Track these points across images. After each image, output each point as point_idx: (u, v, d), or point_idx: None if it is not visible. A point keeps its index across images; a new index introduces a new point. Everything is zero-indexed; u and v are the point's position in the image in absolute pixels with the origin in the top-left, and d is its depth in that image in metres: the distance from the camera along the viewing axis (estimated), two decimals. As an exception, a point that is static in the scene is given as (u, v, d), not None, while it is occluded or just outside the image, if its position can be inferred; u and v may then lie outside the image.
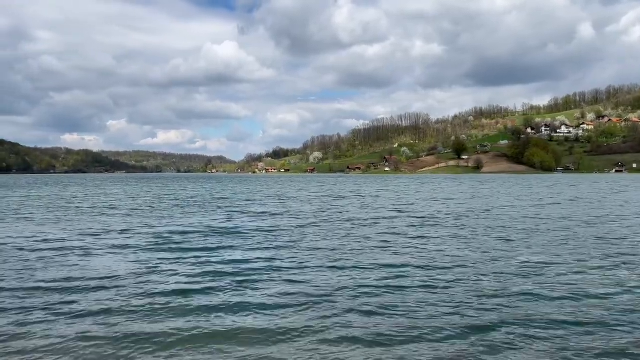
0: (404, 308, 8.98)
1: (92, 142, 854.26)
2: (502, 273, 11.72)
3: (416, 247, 15.54)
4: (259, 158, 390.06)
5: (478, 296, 9.72)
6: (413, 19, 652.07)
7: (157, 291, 10.11)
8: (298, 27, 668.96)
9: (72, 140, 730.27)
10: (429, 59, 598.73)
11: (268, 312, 8.82)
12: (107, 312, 8.79)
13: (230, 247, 15.94)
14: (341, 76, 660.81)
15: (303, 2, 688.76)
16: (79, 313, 8.74)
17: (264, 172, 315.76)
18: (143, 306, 9.09)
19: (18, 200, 42.17)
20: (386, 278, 11.23)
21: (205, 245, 16.24)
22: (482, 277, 11.29)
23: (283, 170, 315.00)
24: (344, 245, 16.04)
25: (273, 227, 21.28)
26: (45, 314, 8.71)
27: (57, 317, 8.54)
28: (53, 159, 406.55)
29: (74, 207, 32.85)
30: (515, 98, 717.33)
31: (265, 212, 28.79)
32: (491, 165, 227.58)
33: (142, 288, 10.37)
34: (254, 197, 46.12)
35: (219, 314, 8.72)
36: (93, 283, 10.79)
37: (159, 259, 13.72)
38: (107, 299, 9.56)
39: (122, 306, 9.10)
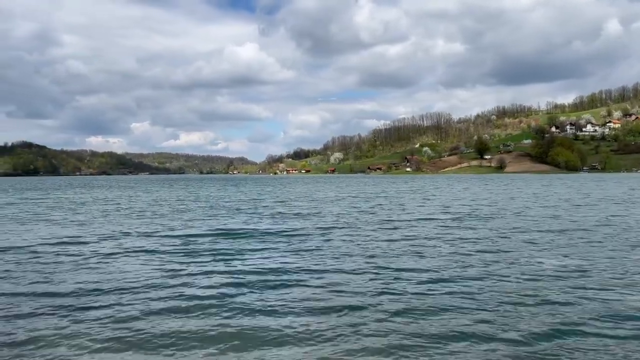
0: (439, 319, 8.53)
1: (117, 145, 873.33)
2: (542, 279, 11.16)
3: (449, 251, 15.05)
4: (280, 159, 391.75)
5: (516, 305, 9.23)
6: (434, 17, 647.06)
7: (180, 298, 9.89)
8: (319, 27, 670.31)
9: (97, 143, 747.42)
10: (451, 58, 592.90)
11: (293, 320, 8.59)
12: (130, 320, 8.63)
13: (256, 250, 15.69)
14: (362, 76, 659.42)
15: (324, 2, 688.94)
16: (101, 320, 8.60)
17: (284, 173, 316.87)
18: (165, 314, 8.91)
19: (46, 202, 42.65)
20: (418, 283, 10.84)
21: (230, 248, 15.99)
22: (521, 284, 10.75)
23: (304, 171, 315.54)
24: (373, 248, 15.69)
25: (300, 229, 21.03)
26: (66, 322, 8.57)
27: (77, 325, 8.39)
28: (79, 161, 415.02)
29: (100, 210, 33.02)
30: (539, 96, 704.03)
31: (292, 214, 28.56)
32: (514, 165, 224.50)
33: (164, 295, 10.16)
34: (280, 198, 45.95)
35: (242, 322, 8.47)
36: (116, 289, 10.64)
37: (183, 263, 13.51)
38: (130, 306, 9.40)
39: (144, 313, 8.93)
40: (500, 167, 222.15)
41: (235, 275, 11.97)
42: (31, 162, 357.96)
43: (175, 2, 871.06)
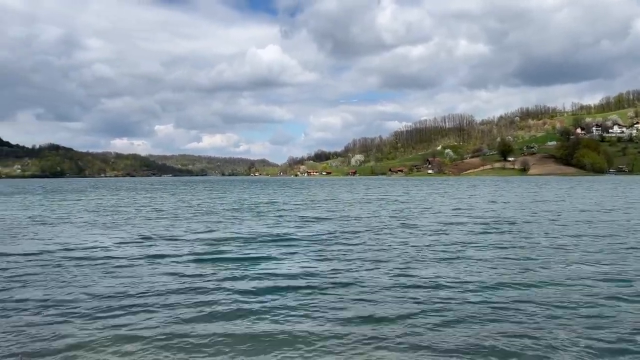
0: (486, 344, 7.70)
1: (141, 147, 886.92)
2: (600, 295, 10.27)
3: (490, 260, 14.25)
4: (301, 161, 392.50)
5: (568, 327, 8.35)
6: (457, 18, 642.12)
7: (206, 306, 9.77)
8: (341, 29, 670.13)
9: (121, 145, 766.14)
10: (475, 58, 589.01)
11: (325, 341, 7.96)
12: (157, 328, 8.57)
13: (282, 256, 15.30)
14: (384, 78, 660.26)
15: (346, 4, 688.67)
16: (127, 331, 8.50)
17: (305, 175, 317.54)
18: (190, 322, 8.86)
19: (74, 205, 42.87)
20: (454, 298, 10.14)
21: (256, 255, 15.59)
22: (572, 300, 9.88)
23: (324, 173, 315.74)
24: (404, 254, 15.20)
25: (328, 233, 20.68)
26: (89, 332, 8.45)
27: (102, 337, 8.21)
28: (104, 163, 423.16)
29: (126, 212, 33.07)
30: (565, 97, 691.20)
31: (318, 217, 28.14)
32: (538, 167, 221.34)
33: (190, 302, 10.07)
34: (304, 201, 45.53)
35: (271, 340, 8.08)
36: (144, 296, 10.53)
37: (209, 269, 13.28)
38: (158, 313, 9.34)
39: (170, 322, 8.85)
40: (524, 170, 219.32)
41: (260, 283, 11.67)
42: (58, 164, 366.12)
43: (197, 6, 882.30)
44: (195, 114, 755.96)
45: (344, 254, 15.55)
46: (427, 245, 17.20)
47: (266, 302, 10.15)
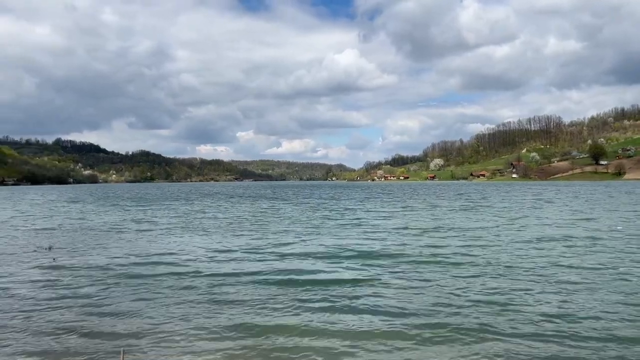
0: None
1: (223, 153, 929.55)
2: None
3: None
4: (378, 165, 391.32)
5: None
6: (546, 14, 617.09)
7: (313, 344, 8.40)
8: (420, 30, 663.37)
9: (205, 151, 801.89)
10: (565, 56, 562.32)
11: None
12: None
13: (390, 277, 13.36)
14: (465, 79, 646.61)
15: (426, 4, 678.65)
16: (226, 339, 8.55)
17: (382, 179, 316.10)
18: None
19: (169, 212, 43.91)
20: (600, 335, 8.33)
21: (362, 276, 13.50)
22: None
23: (402, 178, 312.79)
24: (541, 277, 12.80)
25: (442, 247, 18.66)
26: (186, 333, 8.76)
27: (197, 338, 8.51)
28: (189, 168, 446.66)
29: (217, 220, 33.69)
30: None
31: (423, 229, 25.56)
32: (636, 171, 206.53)
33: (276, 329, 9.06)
34: (398, 208, 44.17)
35: None
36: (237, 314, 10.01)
37: (304, 291, 11.89)
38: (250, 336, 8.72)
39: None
40: (619, 174, 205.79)
41: (368, 312, 10.10)
42: (148, 170, 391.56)
43: (278, 14, 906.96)
44: (275, 120, 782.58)
45: (468, 273, 13.65)
46: (563, 264, 14.77)
47: (376, 340, 8.50)
